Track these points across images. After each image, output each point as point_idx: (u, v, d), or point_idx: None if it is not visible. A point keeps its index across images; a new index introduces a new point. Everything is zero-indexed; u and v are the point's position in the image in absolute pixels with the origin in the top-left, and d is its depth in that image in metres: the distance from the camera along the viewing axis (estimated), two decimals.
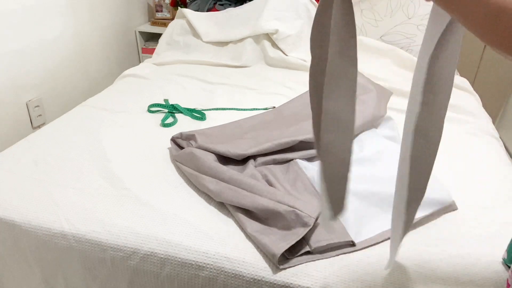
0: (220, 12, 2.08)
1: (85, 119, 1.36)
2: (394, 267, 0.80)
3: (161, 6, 2.44)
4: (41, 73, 1.81)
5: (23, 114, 1.75)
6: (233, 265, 0.82)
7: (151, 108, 1.43)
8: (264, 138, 1.12)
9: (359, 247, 0.84)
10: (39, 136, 1.25)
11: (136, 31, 2.43)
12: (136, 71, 1.75)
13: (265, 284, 0.79)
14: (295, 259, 0.81)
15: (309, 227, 0.82)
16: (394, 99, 1.49)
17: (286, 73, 1.75)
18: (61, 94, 1.94)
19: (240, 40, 1.92)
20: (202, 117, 1.38)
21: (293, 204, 0.86)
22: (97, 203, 0.97)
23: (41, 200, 0.98)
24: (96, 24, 2.11)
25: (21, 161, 1.12)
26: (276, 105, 1.44)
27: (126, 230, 0.89)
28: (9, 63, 1.64)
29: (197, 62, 1.88)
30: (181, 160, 1.08)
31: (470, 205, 0.97)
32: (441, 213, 0.94)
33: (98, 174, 1.07)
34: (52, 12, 1.82)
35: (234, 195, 0.92)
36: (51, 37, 1.83)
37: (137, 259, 0.87)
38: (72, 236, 0.90)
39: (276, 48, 1.89)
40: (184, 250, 0.84)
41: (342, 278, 0.78)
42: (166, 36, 2.06)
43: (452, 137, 1.27)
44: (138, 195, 0.99)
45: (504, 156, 1.21)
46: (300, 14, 1.93)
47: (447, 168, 1.11)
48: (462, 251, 0.84)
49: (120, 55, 2.34)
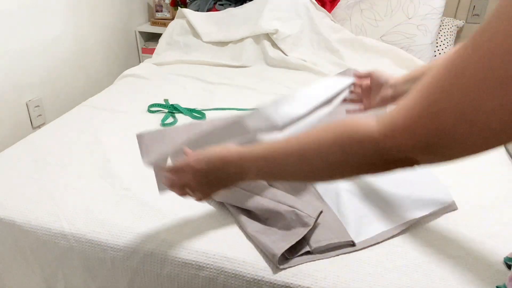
0: (220, 12, 2.08)
1: (85, 119, 1.36)
2: (394, 267, 0.80)
3: (161, 6, 2.44)
4: (41, 73, 1.81)
5: (23, 114, 1.75)
6: (233, 265, 0.81)
7: (151, 108, 1.43)
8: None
9: (359, 247, 0.84)
10: (39, 136, 1.25)
11: (136, 31, 2.43)
12: (136, 71, 1.75)
13: (265, 284, 0.79)
14: (295, 259, 0.81)
15: (309, 227, 0.82)
16: None
17: (286, 73, 1.75)
18: (61, 94, 1.94)
19: (240, 40, 1.92)
20: (202, 117, 1.38)
21: (293, 204, 0.86)
22: (97, 203, 0.97)
23: (41, 200, 0.98)
24: (96, 24, 2.11)
25: (21, 161, 1.12)
26: None
27: (126, 230, 0.89)
28: (9, 63, 1.64)
29: (197, 62, 1.88)
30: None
31: (470, 205, 0.97)
32: (441, 213, 0.94)
33: (98, 174, 1.07)
34: (52, 12, 1.82)
35: (234, 195, 0.92)
36: (51, 37, 1.83)
37: (137, 259, 0.87)
38: (72, 236, 0.90)
39: (276, 48, 1.89)
40: (184, 250, 0.84)
41: (342, 278, 0.78)
42: (166, 36, 2.06)
43: None
44: (138, 195, 0.99)
45: (504, 156, 1.20)
46: (300, 14, 1.93)
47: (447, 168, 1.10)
48: (462, 251, 0.84)
49: (120, 55, 2.34)
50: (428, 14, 1.85)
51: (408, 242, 0.86)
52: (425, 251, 0.84)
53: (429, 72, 0.43)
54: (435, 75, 0.41)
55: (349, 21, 1.98)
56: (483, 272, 0.79)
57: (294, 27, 1.89)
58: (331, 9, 2.06)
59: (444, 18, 2.09)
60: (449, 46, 1.98)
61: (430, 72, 0.43)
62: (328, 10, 2.03)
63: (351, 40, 1.88)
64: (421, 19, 1.85)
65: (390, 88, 0.77)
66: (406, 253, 0.84)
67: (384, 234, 0.87)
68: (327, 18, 1.97)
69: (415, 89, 0.43)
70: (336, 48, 1.86)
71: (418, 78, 0.67)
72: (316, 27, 1.92)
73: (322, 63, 1.80)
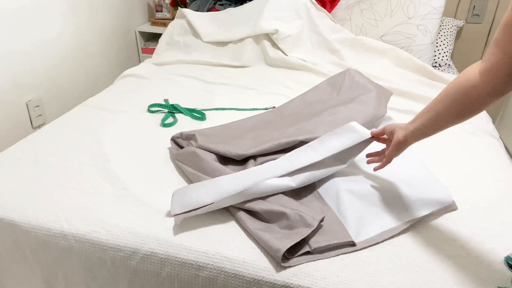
0: (220, 12, 2.08)
1: (85, 119, 1.36)
2: (394, 267, 0.80)
3: (161, 6, 2.44)
4: (41, 73, 1.81)
5: (23, 114, 1.75)
6: (233, 265, 0.82)
7: (151, 108, 1.43)
8: (264, 138, 1.12)
9: (359, 247, 0.84)
10: (39, 136, 1.25)
11: (136, 31, 2.43)
12: (136, 71, 1.75)
13: (265, 284, 0.79)
14: (295, 259, 0.81)
15: (313, 228, 0.82)
16: (394, 99, 1.49)
17: (286, 73, 1.75)
18: (61, 94, 1.94)
19: (240, 40, 1.92)
20: (202, 117, 1.38)
21: (297, 208, 0.87)
22: (97, 203, 0.97)
23: (41, 200, 0.98)
24: (96, 24, 2.11)
25: (21, 161, 1.12)
26: (276, 105, 1.44)
27: (126, 230, 0.89)
28: (9, 63, 1.64)
29: (197, 62, 1.88)
30: (182, 159, 1.08)
31: (470, 205, 0.97)
32: (441, 213, 0.94)
33: (98, 174, 1.07)
34: (52, 12, 1.82)
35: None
36: (51, 37, 1.83)
37: (137, 259, 0.87)
38: (72, 236, 0.90)
39: (276, 48, 1.89)
40: (184, 250, 0.84)
41: (342, 278, 0.78)
42: (166, 36, 2.06)
43: (452, 137, 1.27)
44: (138, 195, 0.99)
45: (504, 156, 1.20)
46: (300, 14, 1.93)
47: (447, 168, 1.11)
48: (462, 251, 0.84)
49: (120, 55, 2.34)
50: (428, 14, 1.85)
51: (408, 242, 0.86)
52: (425, 251, 0.84)
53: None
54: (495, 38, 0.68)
55: (349, 21, 1.98)
56: (483, 272, 0.79)
57: (294, 27, 1.89)
58: (331, 9, 2.06)
59: (444, 18, 2.09)
60: (449, 46, 1.98)
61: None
62: (328, 10, 2.03)
63: (351, 40, 1.88)
64: (421, 19, 1.85)
65: (400, 131, 0.89)
66: (406, 253, 0.84)
67: (384, 234, 0.87)
68: (327, 18, 1.97)
69: (489, 47, 0.69)
70: (336, 48, 1.86)
71: (422, 114, 0.84)
72: (316, 27, 1.92)
73: (322, 63, 1.80)
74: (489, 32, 2.16)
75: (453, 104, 0.75)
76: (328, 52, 1.88)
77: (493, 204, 0.98)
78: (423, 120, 0.83)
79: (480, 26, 2.16)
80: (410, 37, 1.85)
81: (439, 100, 0.79)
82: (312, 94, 1.40)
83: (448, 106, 0.76)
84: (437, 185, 0.99)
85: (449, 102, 0.76)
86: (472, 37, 2.19)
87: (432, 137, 1.27)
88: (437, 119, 0.79)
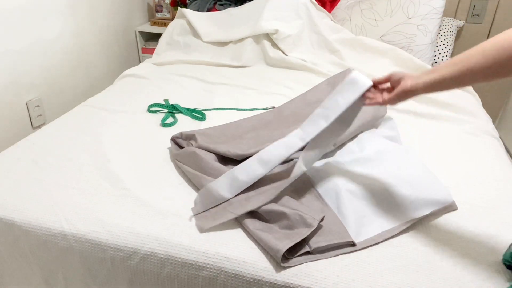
0: (220, 12, 2.08)
1: (85, 119, 1.36)
2: (394, 267, 0.80)
3: (161, 6, 2.44)
4: (41, 73, 1.81)
5: (23, 114, 1.75)
6: (233, 265, 0.82)
7: (151, 108, 1.43)
8: (264, 138, 1.12)
9: (359, 247, 0.84)
10: (39, 136, 1.25)
11: (136, 31, 2.43)
12: (136, 71, 1.75)
13: (265, 284, 0.79)
14: (295, 259, 0.81)
15: (313, 228, 0.82)
16: None
17: (286, 73, 1.75)
18: (61, 94, 1.94)
19: (240, 40, 1.92)
20: (202, 117, 1.38)
21: (297, 208, 0.87)
22: (97, 203, 0.97)
23: (41, 200, 0.98)
24: (96, 24, 2.11)
25: (21, 161, 1.12)
26: (276, 105, 1.44)
27: (126, 230, 0.89)
28: (9, 63, 1.64)
29: (197, 62, 1.88)
30: (182, 159, 1.08)
31: (470, 205, 0.97)
32: (441, 213, 0.94)
33: (98, 174, 1.07)
34: (52, 12, 1.82)
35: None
36: (51, 37, 1.83)
37: (137, 259, 0.87)
38: (72, 236, 0.90)
39: (276, 48, 1.89)
40: (184, 250, 0.84)
41: (342, 278, 0.78)
42: (166, 36, 2.06)
43: (452, 137, 1.27)
44: (138, 195, 0.99)
45: (504, 156, 1.20)
46: (300, 14, 1.93)
47: (447, 168, 1.11)
48: (462, 251, 0.84)
49: (120, 55, 2.34)
50: (428, 14, 1.85)
51: (408, 242, 0.86)
52: (425, 251, 0.84)
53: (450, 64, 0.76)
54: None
55: (349, 21, 1.98)
56: (483, 272, 0.79)
57: (294, 27, 1.89)
58: (331, 9, 2.06)
59: (444, 18, 2.09)
60: (449, 46, 1.98)
61: None
62: (328, 10, 2.03)
63: (351, 40, 1.88)
64: (421, 19, 1.85)
65: (409, 80, 0.83)
66: (406, 253, 0.84)
67: (384, 234, 0.87)
68: (327, 18, 1.97)
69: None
70: (336, 48, 1.86)
71: (444, 67, 0.78)
72: (316, 27, 1.92)
73: (322, 63, 1.80)
74: (489, 32, 2.16)
75: (489, 62, 0.72)
76: (328, 52, 1.88)
77: (493, 204, 0.98)
78: (445, 73, 0.78)
79: (480, 26, 2.16)
80: (410, 37, 1.85)
81: (472, 55, 0.74)
82: (312, 94, 1.40)
83: (483, 63, 0.73)
84: (437, 185, 0.99)
85: (486, 59, 0.72)
86: (472, 37, 2.19)
87: (432, 137, 1.28)
88: (467, 74, 0.75)
